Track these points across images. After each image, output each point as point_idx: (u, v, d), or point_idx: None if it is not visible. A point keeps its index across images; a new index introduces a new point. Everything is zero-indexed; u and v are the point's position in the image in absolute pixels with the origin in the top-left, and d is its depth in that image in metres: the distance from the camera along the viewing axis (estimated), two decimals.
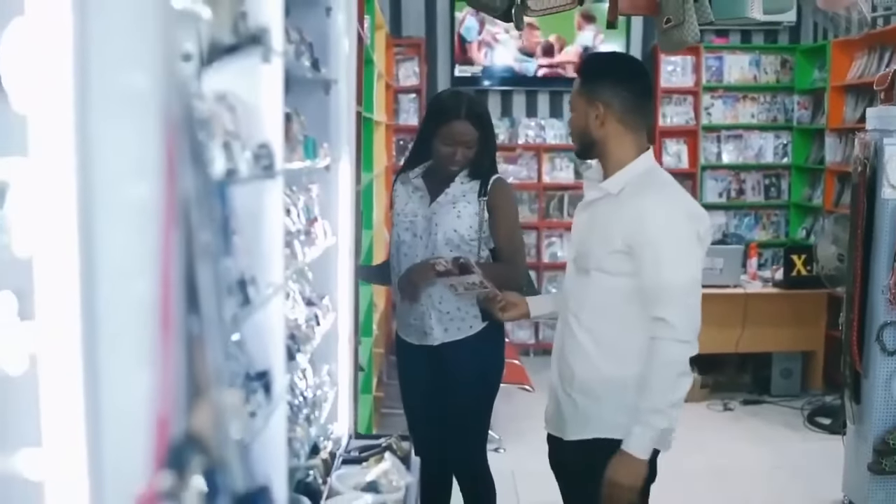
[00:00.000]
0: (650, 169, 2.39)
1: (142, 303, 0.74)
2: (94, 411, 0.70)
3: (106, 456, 0.71)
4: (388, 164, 6.19)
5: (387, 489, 1.83)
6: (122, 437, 0.73)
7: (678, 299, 2.24)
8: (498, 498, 3.38)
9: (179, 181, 0.73)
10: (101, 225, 0.72)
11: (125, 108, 0.74)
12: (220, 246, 0.82)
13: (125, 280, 0.74)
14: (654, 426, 2.22)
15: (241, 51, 1.08)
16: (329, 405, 2.15)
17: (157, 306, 0.73)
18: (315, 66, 1.99)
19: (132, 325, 0.74)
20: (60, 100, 0.69)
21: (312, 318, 2.02)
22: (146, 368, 0.74)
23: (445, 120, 2.97)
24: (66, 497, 0.70)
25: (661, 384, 2.22)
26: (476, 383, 3.13)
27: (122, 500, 0.73)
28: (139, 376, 0.74)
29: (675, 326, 2.21)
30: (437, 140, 2.99)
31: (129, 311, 0.74)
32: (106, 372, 0.72)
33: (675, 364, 2.23)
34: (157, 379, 0.73)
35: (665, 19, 3.55)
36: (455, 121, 2.96)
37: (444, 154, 3.00)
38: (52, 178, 0.70)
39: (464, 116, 2.96)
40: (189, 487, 0.73)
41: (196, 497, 0.72)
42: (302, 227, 1.92)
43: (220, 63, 0.95)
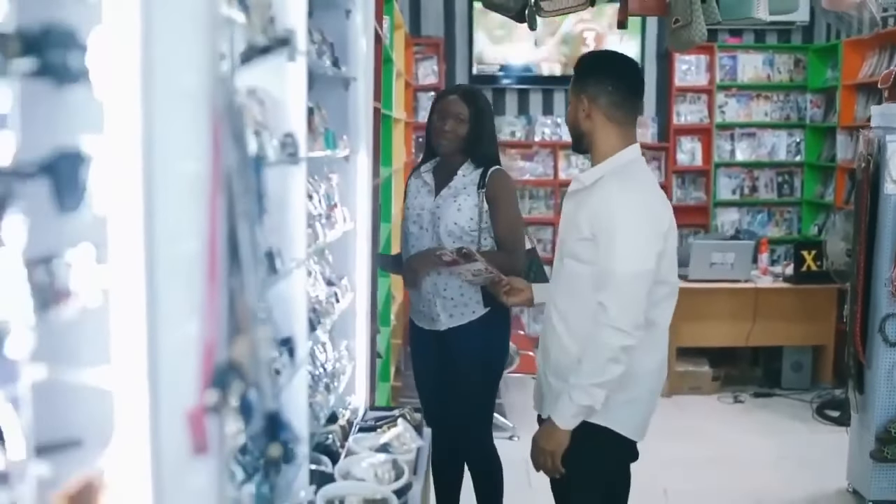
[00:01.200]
0: (629, 162, 2.45)
1: (193, 254, 0.91)
2: (154, 338, 0.87)
3: (162, 375, 0.88)
4: (407, 161, 6.33)
5: (399, 451, 2.00)
6: (176, 360, 0.89)
7: (620, 288, 2.28)
8: (511, 484, 3.48)
9: (223, 158, 0.90)
10: (161, 191, 0.89)
11: (180, 97, 0.90)
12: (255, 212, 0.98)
13: (180, 235, 0.90)
14: (576, 401, 2.31)
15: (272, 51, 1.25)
16: (347, 378, 2.32)
17: (205, 257, 0.90)
18: (335, 64, 2.16)
19: (185, 271, 0.91)
20: (130, 90, 0.86)
21: (332, 295, 2.20)
22: (196, 307, 0.91)
23: (441, 97, 3.25)
24: (129, 405, 0.87)
25: (590, 364, 2.29)
26: (480, 366, 3.25)
27: (175, 411, 0.90)
28: (190, 313, 0.90)
29: (612, 313, 2.27)
30: (433, 118, 3.22)
31: (182, 260, 0.90)
32: (163, 308, 0.89)
33: (606, 349, 2.27)
34: (205, 316, 0.90)
35: (674, 19, 3.67)
36: (448, 96, 3.22)
37: (437, 129, 3.20)
38: (122, 152, 0.87)
39: (455, 93, 3.22)
40: (229, 405, 0.90)
41: (235, 413, 0.89)
42: (323, 211, 2.09)
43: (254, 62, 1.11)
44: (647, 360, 2.43)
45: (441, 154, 3.25)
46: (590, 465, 2.44)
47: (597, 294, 2.31)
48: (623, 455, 2.53)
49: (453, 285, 3.14)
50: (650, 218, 2.36)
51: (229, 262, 0.93)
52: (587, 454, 2.42)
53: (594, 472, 2.47)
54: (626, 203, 2.34)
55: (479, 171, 3.19)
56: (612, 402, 2.37)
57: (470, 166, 3.21)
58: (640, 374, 2.42)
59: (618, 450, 2.48)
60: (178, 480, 0.92)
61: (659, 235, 2.36)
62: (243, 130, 1.01)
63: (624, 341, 2.28)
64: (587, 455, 2.42)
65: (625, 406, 2.42)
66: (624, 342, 2.28)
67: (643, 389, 2.47)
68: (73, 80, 0.78)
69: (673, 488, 4.33)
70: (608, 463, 2.50)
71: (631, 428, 2.46)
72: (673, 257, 2.44)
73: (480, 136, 3.20)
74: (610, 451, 2.46)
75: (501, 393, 5.74)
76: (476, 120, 3.18)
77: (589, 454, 2.41)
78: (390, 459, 1.85)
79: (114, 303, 0.87)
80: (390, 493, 1.72)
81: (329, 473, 1.86)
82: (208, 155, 0.90)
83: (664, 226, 2.39)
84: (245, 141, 1.00)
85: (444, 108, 3.20)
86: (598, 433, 2.40)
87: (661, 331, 2.48)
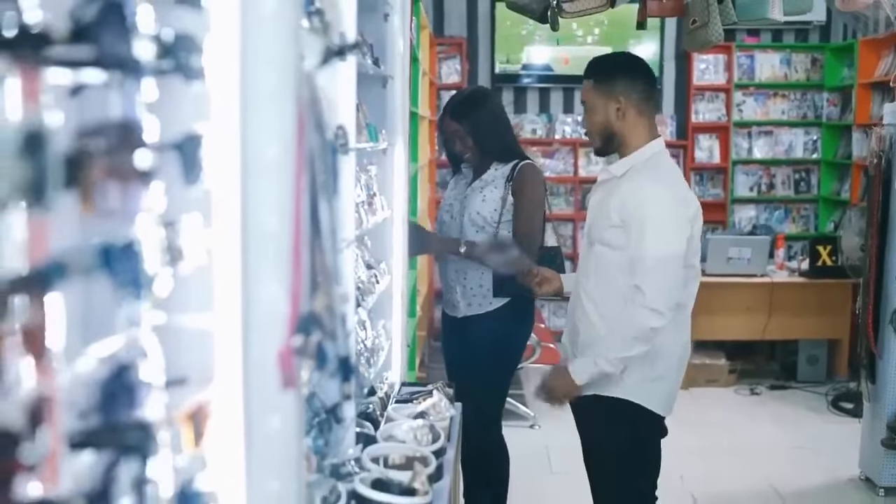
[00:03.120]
0: (655, 154, 2.60)
1: (281, 222, 1.08)
2: (247, 291, 1.05)
3: (255, 320, 1.06)
4: (431, 158, 6.50)
5: (435, 418, 2.18)
6: (266, 309, 1.07)
7: (655, 271, 2.42)
8: (533, 469, 3.54)
9: (306, 142, 1.08)
10: (255, 169, 1.07)
11: (271, 92, 1.08)
12: (331, 189, 1.15)
13: (270, 206, 1.08)
14: (599, 365, 2.49)
15: (345, 55, 1.43)
16: (384, 355, 2.51)
17: (290, 225, 1.08)
18: (376, 63, 2.35)
19: (274, 236, 1.08)
20: (231, 85, 1.05)
21: (372, 277, 2.38)
22: (283, 266, 1.08)
23: (439, 121, 3.44)
24: (227, 343, 1.06)
25: (619, 340, 2.46)
26: (492, 356, 3.32)
27: (266, 352, 1.08)
28: (278, 271, 1.08)
29: (648, 295, 2.41)
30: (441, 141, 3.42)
31: (272, 227, 1.08)
32: (255, 265, 1.07)
33: (637, 328, 2.43)
34: (291, 274, 1.07)
35: (691, 20, 3.81)
36: (443, 117, 3.38)
37: (451, 152, 3.39)
38: (224, 137, 1.05)
39: (446, 114, 3.35)
40: (311, 349, 1.08)
41: (315, 356, 1.07)
42: (364, 198, 2.28)
43: (330, 63, 1.29)
44: (673, 339, 2.59)
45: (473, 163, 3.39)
46: (623, 440, 2.61)
47: (631, 278, 2.46)
48: (653, 429, 2.68)
49: (473, 275, 3.26)
50: (678, 204, 2.51)
51: (311, 229, 1.11)
52: (620, 429, 2.59)
53: (628, 447, 2.63)
54: (656, 191, 2.48)
55: (510, 165, 3.29)
56: (641, 379, 2.54)
57: (499, 162, 3.32)
58: (667, 353, 2.58)
59: (648, 424, 2.63)
60: (266, 411, 1.10)
61: (687, 221, 2.51)
62: (322, 120, 1.19)
63: (657, 322, 2.44)
64: (620, 430, 2.59)
65: (653, 383, 2.58)
66: (657, 323, 2.44)
67: (670, 367, 2.63)
68: (195, 76, 0.96)
69: (689, 475, 4.46)
70: (640, 437, 2.65)
71: (660, 403, 2.62)
72: (697, 242, 2.59)
73: (486, 139, 3.28)
74: (641, 425, 2.62)
75: (523, 383, 5.89)
76: (475, 129, 3.26)
77: (622, 429, 2.59)
78: (427, 424, 2.03)
79: (216, 260, 1.06)
80: (429, 453, 1.90)
81: (372, 436, 2.04)
82: (294, 140, 1.08)
83: (691, 212, 2.53)
84: (324, 128, 1.18)
85: (444, 131, 3.37)
86: (629, 409, 2.57)
87: (686, 312, 2.64)
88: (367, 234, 2.44)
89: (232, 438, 1.10)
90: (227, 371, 1.07)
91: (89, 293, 0.86)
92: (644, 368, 2.55)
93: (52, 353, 0.71)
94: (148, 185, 0.86)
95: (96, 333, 0.85)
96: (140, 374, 0.87)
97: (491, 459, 3.47)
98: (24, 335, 0.68)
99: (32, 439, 0.69)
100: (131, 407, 0.84)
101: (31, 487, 0.70)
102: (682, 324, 2.65)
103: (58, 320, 0.70)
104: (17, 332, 0.67)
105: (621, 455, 2.64)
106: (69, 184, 0.70)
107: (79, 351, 0.77)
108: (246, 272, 1.06)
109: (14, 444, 0.68)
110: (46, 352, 0.71)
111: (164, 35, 0.88)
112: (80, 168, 0.72)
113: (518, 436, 3.83)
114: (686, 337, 2.69)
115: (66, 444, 0.76)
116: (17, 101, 0.64)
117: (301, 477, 1.20)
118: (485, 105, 3.32)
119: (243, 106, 1.06)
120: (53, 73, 0.70)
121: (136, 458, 0.82)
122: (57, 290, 0.70)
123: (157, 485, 0.87)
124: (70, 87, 0.74)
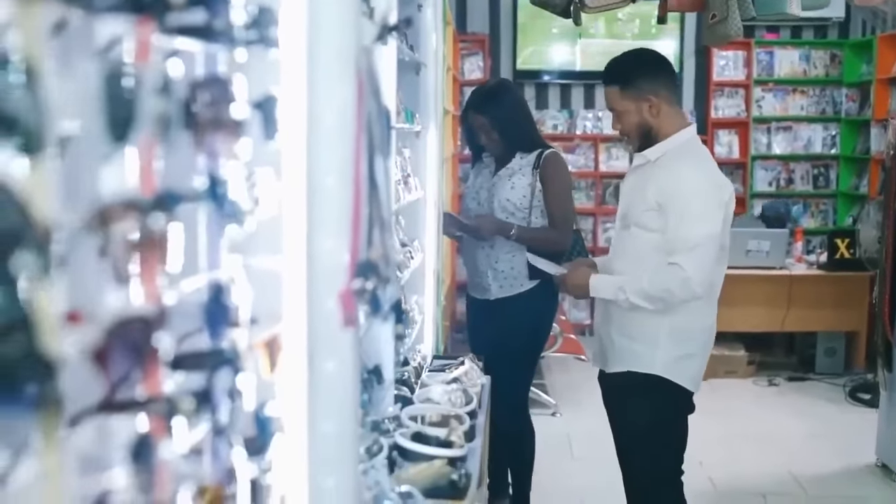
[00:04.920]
0: (688, 140, 2.72)
1: (342, 178, 1.21)
2: (313, 237, 1.19)
3: (319, 263, 1.19)
4: (454, 152, 6.61)
5: (468, 384, 2.31)
6: (329, 251, 1.20)
7: (693, 250, 2.53)
8: (554, 455, 3.65)
9: (365, 107, 1.21)
10: (320, 128, 1.20)
11: (334, 61, 1.21)
12: (386, 149, 1.28)
13: (333, 163, 1.21)
14: (613, 292, 2.65)
15: (397, 31, 1.57)
16: (417, 328, 2.64)
17: (351, 181, 1.21)
18: (412, 50, 2.48)
19: (336, 190, 1.21)
20: (299, 54, 1.19)
21: (406, 254, 2.52)
22: (344, 217, 1.21)
23: (462, 117, 3.54)
24: (293, 283, 1.19)
25: (645, 286, 2.58)
26: (524, 333, 3.47)
27: (329, 292, 1.21)
28: (340, 221, 1.21)
29: (688, 271, 2.53)
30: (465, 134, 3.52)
31: (334, 182, 1.21)
32: (319, 217, 1.20)
33: (663, 288, 2.57)
34: (351, 224, 1.20)
35: (711, 15, 3.91)
36: (468, 111, 3.47)
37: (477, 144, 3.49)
38: (292, 100, 1.19)
39: (469, 109, 3.45)
40: (368, 292, 1.21)
41: (369, 298, 1.20)
42: (400, 178, 2.41)
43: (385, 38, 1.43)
44: (702, 317, 2.72)
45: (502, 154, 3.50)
46: (654, 414, 2.73)
47: (669, 257, 2.58)
48: (682, 405, 2.79)
49: (505, 259, 3.40)
50: (714, 186, 2.63)
51: (368, 185, 1.24)
52: (651, 404, 2.72)
53: (657, 421, 2.75)
54: (692, 175, 2.60)
55: (534, 154, 3.42)
56: (672, 356, 2.67)
57: (524, 151, 3.45)
58: (696, 331, 2.71)
59: (677, 399, 2.75)
60: (327, 349, 1.24)
61: (721, 203, 2.62)
62: (378, 88, 1.32)
63: (690, 296, 2.57)
64: (651, 405, 2.72)
65: (682, 360, 2.70)
66: (690, 297, 2.57)
67: (698, 345, 2.75)
68: (272, 45, 1.10)
69: (708, 461, 4.55)
70: (669, 412, 2.77)
71: (688, 379, 2.73)
72: (728, 225, 2.69)
73: (511, 131, 3.40)
74: (671, 400, 2.74)
75: (544, 373, 6.00)
76: (498, 121, 3.38)
77: (653, 404, 2.72)
78: (461, 388, 2.16)
79: (285, 211, 1.19)
80: (463, 413, 2.03)
81: (409, 398, 2.18)
82: (354, 104, 1.21)
83: (725, 195, 2.65)
84: (380, 96, 1.32)
85: (469, 125, 3.47)
86: (660, 385, 2.69)
87: (715, 292, 2.75)
88: (401, 212, 2.57)
89: (296, 374, 1.23)
90: (293, 310, 1.20)
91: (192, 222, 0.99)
92: (676, 347, 2.68)
93: (170, 272, 0.85)
94: (240, 135, 1.00)
95: (193, 262, 0.98)
96: (231, 300, 1.00)
97: (518, 439, 3.58)
98: (146, 254, 0.81)
99: (155, 343, 0.82)
100: (226, 326, 0.97)
101: (151, 386, 0.84)
102: (712, 303, 2.76)
103: (176, 243, 0.84)
104: (142, 250, 0.81)
105: (651, 429, 2.75)
106: (187, 125, 0.83)
107: (187, 273, 0.91)
108: (311, 224, 1.19)
109: (141, 348, 0.81)
110: (165, 271, 0.84)
111: (250, 9, 1.02)
112: (192, 113, 0.85)
113: (540, 423, 3.91)
114: (714, 318, 2.81)
115: (175, 355, 0.89)
116: (150, 55, 0.78)
117: (357, 412, 1.33)
118: (507, 97, 3.44)
119: (310, 73, 1.19)
120: (172, 33, 0.84)
121: (230, 370, 0.95)
122: (174, 216, 0.84)
123: (243, 397, 1.00)
124: (181, 49, 0.88)
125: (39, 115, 0.57)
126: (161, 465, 0.85)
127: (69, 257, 0.67)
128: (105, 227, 0.69)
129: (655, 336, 2.68)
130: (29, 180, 0.60)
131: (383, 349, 1.97)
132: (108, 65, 0.72)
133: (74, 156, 0.69)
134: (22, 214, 0.57)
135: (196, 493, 0.97)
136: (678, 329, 2.67)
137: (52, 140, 0.61)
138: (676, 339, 2.66)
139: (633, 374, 2.73)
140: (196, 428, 0.93)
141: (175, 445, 0.87)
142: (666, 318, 2.66)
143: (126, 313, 0.75)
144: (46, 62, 0.62)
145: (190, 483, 0.96)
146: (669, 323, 2.66)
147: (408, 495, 1.51)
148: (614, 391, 2.88)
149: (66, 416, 0.67)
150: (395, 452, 1.80)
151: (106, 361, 0.70)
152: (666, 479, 2.84)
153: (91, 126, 0.70)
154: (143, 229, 0.79)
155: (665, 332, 2.67)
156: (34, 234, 0.58)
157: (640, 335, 2.70)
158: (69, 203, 0.70)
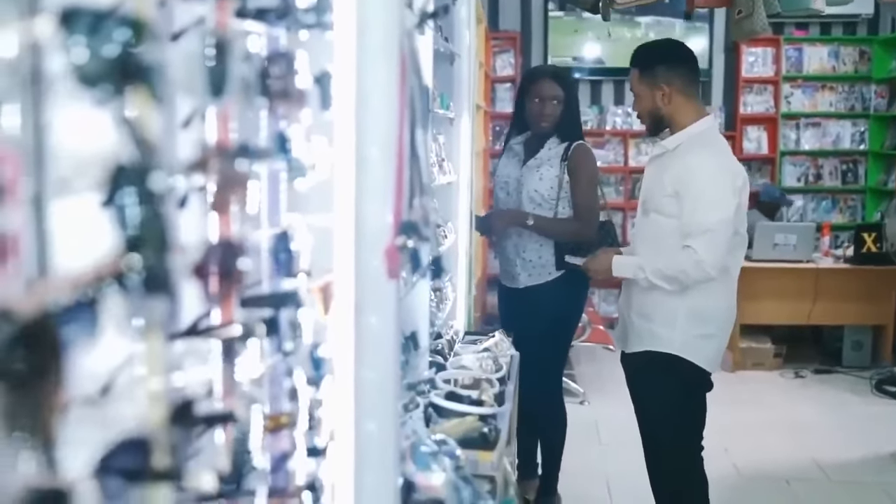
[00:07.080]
0: (706, 130, 2.85)
1: (387, 146, 1.37)
2: (360, 198, 1.34)
3: (366, 223, 1.35)
4: (486, 147, 6.75)
5: (498, 353, 2.46)
6: (375, 213, 1.35)
7: (707, 233, 2.66)
8: (583, 441, 3.69)
9: (408, 82, 1.36)
10: (367, 101, 1.36)
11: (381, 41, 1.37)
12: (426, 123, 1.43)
13: (378, 133, 1.37)
14: (633, 271, 2.79)
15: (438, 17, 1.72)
16: (450, 305, 2.79)
17: (394, 149, 1.37)
18: (447, 41, 2.63)
19: (382, 157, 1.37)
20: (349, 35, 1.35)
21: (440, 234, 2.67)
22: (389, 181, 1.37)
23: (534, 79, 3.51)
24: (341, 240, 1.34)
25: (661, 266, 2.72)
26: (553, 320, 3.55)
27: (375, 248, 1.36)
28: (385, 184, 1.37)
29: (701, 254, 2.65)
30: (528, 99, 3.50)
31: (380, 149, 1.37)
32: (367, 180, 1.35)
33: (678, 269, 2.69)
34: (395, 187, 1.36)
35: (737, 10, 4.01)
36: (542, 79, 3.49)
37: (535, 111, 3.48)
38: (342, 77, 1.35)
39: (550, 75, 3.50)
40: (409, 249, 1.36)
41: (411, 254, 1.35)
42: (435, 161, 2.57)
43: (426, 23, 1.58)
44: (719, 301, 2.85)
45: (538, 133, 3.56)
46: (672, 391, 2.86)
47: (684, 240, 2.70)
48: (699, 383, 2.91)
49: (532, 248, 3.50)
50: (727, 174, 2.75)
51: (410, 154, 1.38)
52: (670, 381, 2.85)
53: (676, 398, 2.88)
54: (707, 163, 2.73)
55: (563, 145, 3.51)
56: (690, 337, 2.80)
57: (556, 140, 3.53)
58: (713, 313, 2.84)
59: (695, 379, 2.87)
60: (373, 297, 1.39)
61: (735, 190, 2.74)
62: (420, 66, 1.47)
63: (703, 278, 2.69)
64: (670, 382, 2.85)
65: (700, 340, 2.83)
66: (703, 279, 2.69)
67: (716, 327, 2.87)
68: (327, 28, 1.26)
69: (733, 448, 4.64)
70: (687, 389, 2.89)
71: (706, 359, 2.86)
72: (744, 211, 2.82)
73: (572, 115, 3.54)
74: (689, 379, 2.86)
75: (573, 363, 6.12)
76: (567, 102, 3.50)
77: (671, 382, 2.85)
78: (492, 356, 2.31)
79: (336, 172, 1.35)
80: (494, 378, 2.18)
81: (443, 364, 2.33)
82: (398, 80, 1.37)
83: (739, 182, 2.77)
84: (421, 74, 1.47)
85: (539, 90, 3.48)
86: (678, 364, 2.81)
87: (732, 276, 2.87)
88: (435, 194, 2.72)
89: (343, 324, 1.39)
90: (342, 265, 1.36)
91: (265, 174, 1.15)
92: (693, 327, 2.80)
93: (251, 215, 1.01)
94: (304, 104, 1.16)
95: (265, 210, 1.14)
96: (294, 246, 1.16)
97: (551, 425, 3.69)
98: (231, 197, 0.97)
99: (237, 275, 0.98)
100: (290, 270, 1.13)
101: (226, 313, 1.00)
102: (730, 288, 2.89)
103: (255, 189, 1.00)
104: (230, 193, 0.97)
105: (669, 405, 2.88)
106: (262, 91, 0.99)
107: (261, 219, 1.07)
108: (358, 188, 1.35)
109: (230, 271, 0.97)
110: (246, 213, 1.00)
111: None
112: (266, 83, 1.01)
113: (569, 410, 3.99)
114: (732, 301, 2.93)
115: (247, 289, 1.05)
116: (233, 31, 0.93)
117: (397, 362, 1.48)
118: (575, 81, 3.61)
119: (359, 54, 1.35)
120: (248, 17, 1.00)
121: (293, 305, 1.11)
122: (253, 164, 0.99)
123: (303, 330, 1.16)
124: (255, 30, 1.04)
125: (160, 70, 0.73)
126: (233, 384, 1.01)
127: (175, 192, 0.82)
128: (203, 168, 0.85)
129: (673, 317, 2.81)
130: (147, 125, 0.75)
131: (419, 317, 2.12)
132: (202, 36, 0.88)
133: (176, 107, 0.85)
134: (149, 150, 0.72)
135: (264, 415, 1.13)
136: (695, 310, 2.79)
137: (167, 92, 0.77)
138: (693, 320, 2.79)
139: (651, 354, 2.86)
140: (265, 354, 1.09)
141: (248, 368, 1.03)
142: (683, 300, 2.79)
143: (219, 240, 0.90)
144: (157, 27, 0.78)
145: (259, 406, 1.12)
146: (686, 305, 2.79)
147: (443, 442, 1.66)
148: (634, 370, 3.01)
149: None
150: (430, 409, 1.95)
151: (205, 278, 0.85)
152: (685, 454, 2.96)
153: (193, 84, 0.85)
154: (228, 173, 0.94)
155: (682, 313, 2.80)
156: (156, 166, 0.73)
157: (659, 316, 2.83)
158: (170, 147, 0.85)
